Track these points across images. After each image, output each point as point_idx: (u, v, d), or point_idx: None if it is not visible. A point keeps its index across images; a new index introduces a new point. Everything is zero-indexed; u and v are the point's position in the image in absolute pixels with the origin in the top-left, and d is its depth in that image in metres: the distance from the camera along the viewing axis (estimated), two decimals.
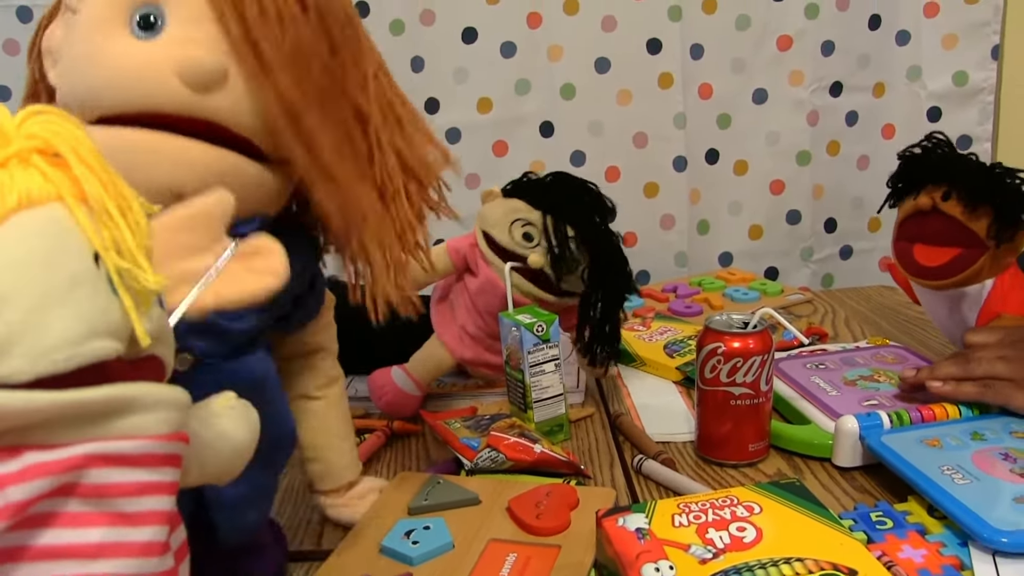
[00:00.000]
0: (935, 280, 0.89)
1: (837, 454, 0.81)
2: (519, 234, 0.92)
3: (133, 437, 0.36)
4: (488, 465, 0.81)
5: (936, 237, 0.88)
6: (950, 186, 0.86)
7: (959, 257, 0.87)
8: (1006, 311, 0.88)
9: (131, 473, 0.36)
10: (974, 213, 0.84)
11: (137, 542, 0.36)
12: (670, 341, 1.11)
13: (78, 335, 0.34)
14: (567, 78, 1.43)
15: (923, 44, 1.46)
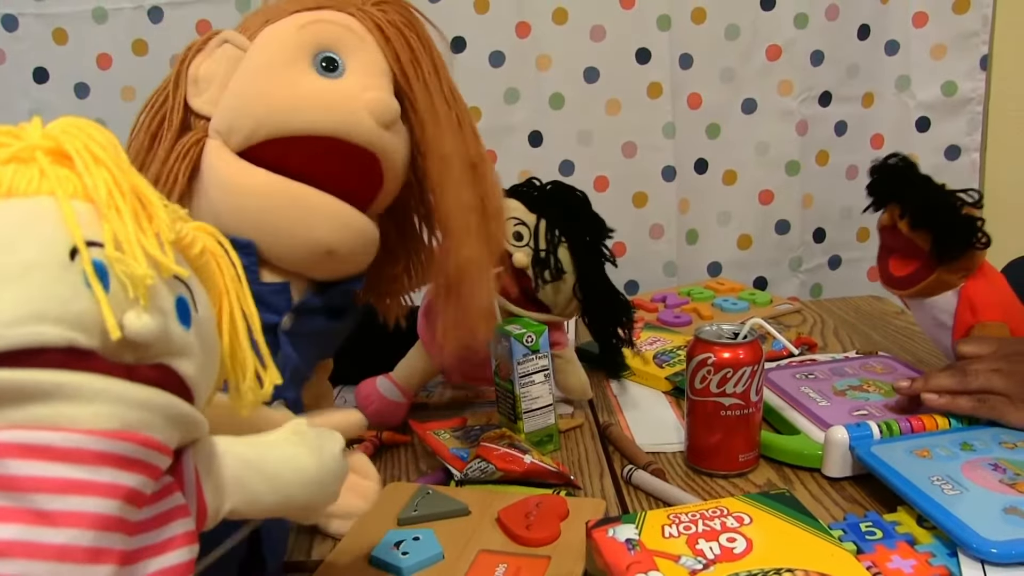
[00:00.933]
0: (902, 290, 0.93)
1: (826, 464, 0.81)
2: (510, 231, 0.93)
3: (59, 428, 0.34)
4: (478, 476, 0.81)
5: (903, 249, 0.91)
6: (901, 207, 0.88)
7: (917, 271, 0.90)
8: (981, 319, 0.88)
9: (55, 468, 0.34)
10: (918, 234, 0.87)
11: (52, 544, 0.33)
12: (659, 351, 1.11)
13: (19, 315, 0.33)
14: (556, 88, 1.44)
15: (912, 54, 1.47)
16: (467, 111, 0.73)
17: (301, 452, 0.48)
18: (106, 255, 0.36)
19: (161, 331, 0.37)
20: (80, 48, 1.37)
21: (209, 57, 0.67)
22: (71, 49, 1.37)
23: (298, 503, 0.48)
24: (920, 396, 0.83)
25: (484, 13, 1.40)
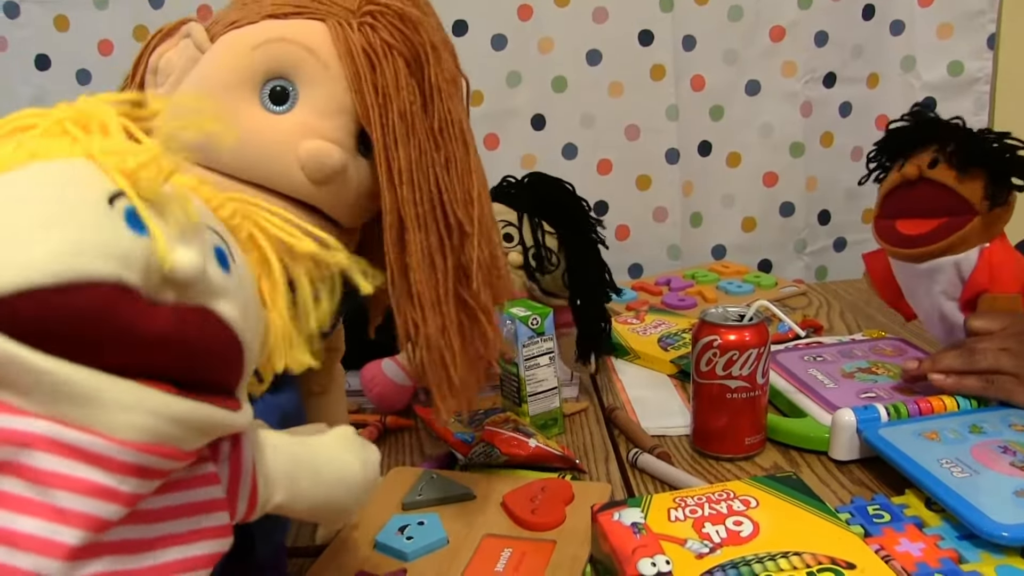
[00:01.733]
0: (918, 248, 0.86)
1: (834, 447, 0.81)
2: (499, 234, 0.92)
3: (94, 432, 0.34)
4: (482, 460, 0.81)
5: (921, 208, 0.86)
6: (938, 151, 0.84)
7: (945, 225, 0.84)
8: (993, 289, 0.85)
9: (82, 469, 0.34)
10: (966, 176, 0.82)
11: (66, 544, 0.33)
12: (664, 334, 1.10)
13: (65, 250, 0.33)
14: (558, 70, 1.42)
15: (917, 34, 1.45)
16: (462, 155, 0.61)
17: (349, 458, 0.50)
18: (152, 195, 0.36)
19: (203, 268, 0.37)
20: (82, 34, 1.36)
21: (173, 47, 0.61)
22: (72, 35, 1.35)
23: (338, 506, 0.50)
24: (928, 376, 0.82)
25: None
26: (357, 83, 0.56)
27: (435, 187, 0.59)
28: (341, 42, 0.56)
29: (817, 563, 0.56)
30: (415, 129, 0.58)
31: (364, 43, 0.57)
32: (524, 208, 0.93)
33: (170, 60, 0.60)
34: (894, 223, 0.88)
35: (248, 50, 0.57)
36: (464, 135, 0.61)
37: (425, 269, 0.59)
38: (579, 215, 0.95)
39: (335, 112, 0.57)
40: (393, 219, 0.58)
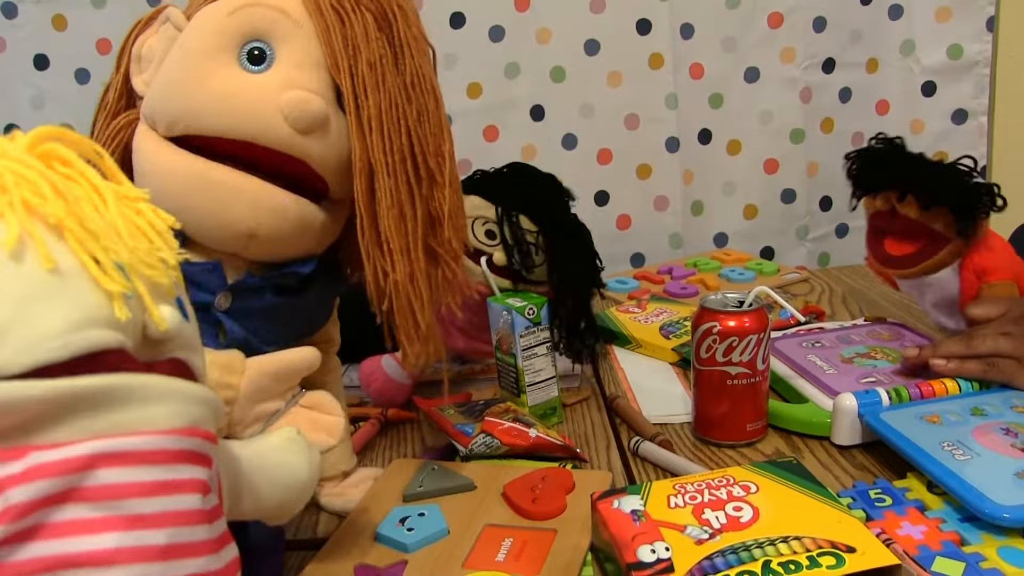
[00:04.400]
0: (903, 269, 0.91)
1: (835, 432, 0.80)
2: (482, 232, 0.91)
3: (141, 432, 0.35)
4: (483, 451, 0.80)
5: (901, 231, 0.90)
6: (902, 190, 0.86)
7: (923, 249, 0.88)
8: (988, 280, 0.87)
9: (142, 472, 0.34)
10: (930, 213, 0.85)
11: (155, 545, 0.34)
12: (666, 323, 1.10)
13: (73, 323, 0.33)
14: (557, 61, 1.42)
15: (916, 18, 1.45)
16: (433, 109, 0.63)
17: (298, 460, 0.50)
18: (125, 260, 0.36)
19: (180, 323, 0.38)
20: (80, 34, 1.35)
21: (154, 34, 0.64)
22: (71, 35, 1.35)
23: (287, 507, 0.51)
24: (929, 363, 0.82)
25: None
26: (327, 36, 0.59)
27: (407, 138, 0.61)
28: (311, 1, 0.60)
29: (817, 547, 0.56)
30: (385, 80, 0.60)
31: (333, 1, 0.60)
32: (502, 202, 0.91)
33: (151, 47, 0.63)
34: (882, 241, 0.92)
35: (223, 17, 0.60)
36: (435, 91, 0.63)
37: (395, 217, 0.61)
38: (558, 207, 0.93)
39: (311, 66, 0.60)
40: (363, 166, 0.60)
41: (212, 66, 0.60)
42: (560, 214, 0.94)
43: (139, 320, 0.36)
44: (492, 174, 0.95)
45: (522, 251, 0.91)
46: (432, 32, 1.38)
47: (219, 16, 0.60)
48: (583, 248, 0.93)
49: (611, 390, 0.97)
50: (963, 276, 0.88)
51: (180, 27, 0.62)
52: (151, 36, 0.64)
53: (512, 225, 0.90)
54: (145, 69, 0.63)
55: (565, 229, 0.93)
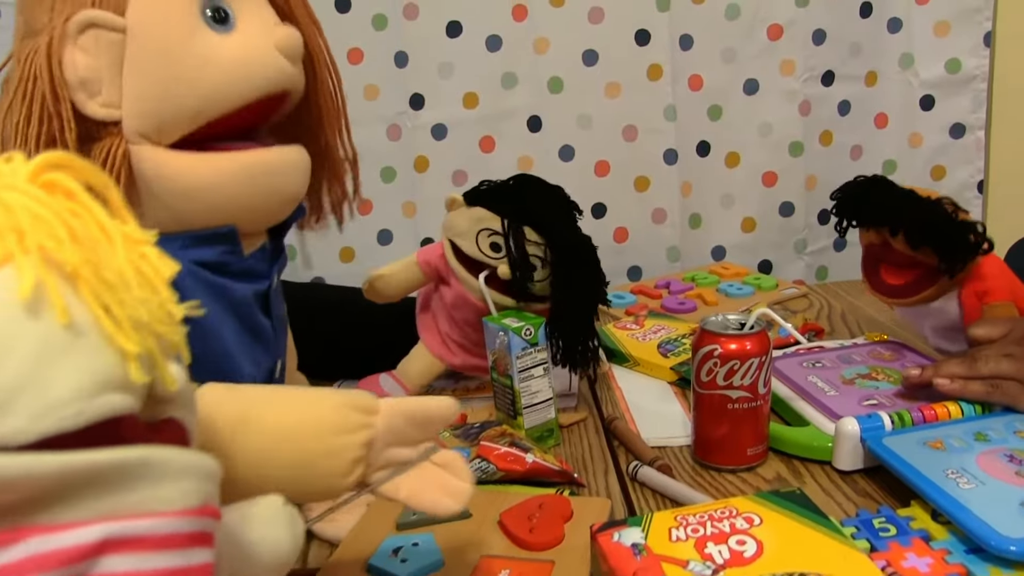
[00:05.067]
0: (901, 298, 0.91)
1: (838, 457, 0.79)
2: (487, 244, 0.90)
3: (156, 514, 0.31)
4: (479, 476, 0.79)
5: (896, 260, 0.90)
6: (891, 228, 0.87)
7: (916, 280, 0.89)
8: (988, 302, 0.87)
9: (154, 559, 0.31)
10: (919, 251, 0.86)
11: None
12: (664, 340, 1.09)
13: (88, 387, 0.30)
14: (554, 71, 1.41)
15: (915, 32, 1.44)
16: None
17: (280, 534, 0.46)
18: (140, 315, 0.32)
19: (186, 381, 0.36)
20: None
21: (81, 50, 0.56)
22: None
23: None
24: (932, 383, 0.81)
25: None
26: None
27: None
28: None
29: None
30: None
31: None
32: (508, 214, 0.89)
33: (89, 63, 0.56)
34: (878, 269, 0.93)
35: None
36: None
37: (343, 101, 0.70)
38: (566, 220, 0.91)
39: (263, 3, 0.62)
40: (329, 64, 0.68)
41: (198, 46, 0.58)
42: (568, 228, 0.92)
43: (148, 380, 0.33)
44: (498, 185, 0.93)
45: (527, 265, 0.89)
46: (428, 41, 1.39)
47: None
48: (590, 263, 0.91)
49: (609, 411, 0.96)
50: (964, 300, 0.88)
51: (117, 27, 0.56)
52: (76, 54, 0.56)
53: (517, 237, 0.88)
54: (98, 91, 0.57)
55: (572, 243, 0.90)
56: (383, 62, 1.39)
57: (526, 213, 0.89)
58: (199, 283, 0.61)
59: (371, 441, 0.52)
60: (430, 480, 0.54)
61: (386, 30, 1.38)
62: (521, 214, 0.89)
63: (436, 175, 1.43)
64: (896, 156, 1.50)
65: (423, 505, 0.54)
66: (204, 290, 0.61)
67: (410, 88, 1.40)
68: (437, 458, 0.55)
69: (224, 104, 0.59)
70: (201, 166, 0.60)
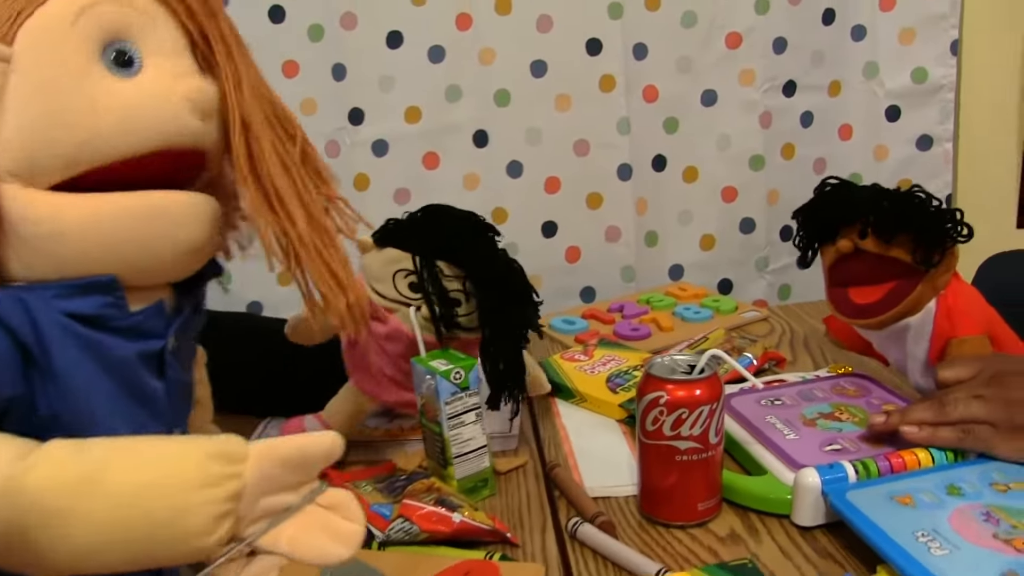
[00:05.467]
0: (875, 317, 0.82)
1: (797, 512, 0.72)
2: (404, 286, 0.83)
3: None
4: (401, 537, 0.71)
5: (867, 277, 0.81)
6: (863, 222, 0.79)
7: (894, 289, 0.80)
8: (957, 334, 0.80)
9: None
10: (893, 243, 0.78)
11: None
12: (614, 373, 1.01)
13: None
14: (501, 83, 1.34)
15: (880, 39, 1.39)
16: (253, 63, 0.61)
17: None
18: None
19: None
20: None
21: None
22: None
23: None
24: (899, 430, 0.74)
25: (421, 5, 1.30)
26: (184, 8, 0.55)
27: (268, 93, 0.58)
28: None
29: None
30: (240, 41, 0.57)
31: None
32: (419, 251, 0.83)
33: None
34: (846, 292, 0.84)
35: (68, 29, 0.52)
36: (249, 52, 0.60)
37: (279, 168, 0.57)
38: (482, 246, 0.84)
39: (180, 50, 0.55)
40: (241, 125, 0.56)
41: (89, 86, 0.52)
42: (485, 256, 0.84)
43: None
44: (404, 222, 0.86)
45: (448, 301, 0.82)
46: (367, 53, 1.32)
47: (63, 29, 0.52)
48: (516, 287, 0.83)
49: (551, 454, 0.88)
50: (936, 320, 0.80)
51: (2, 56, 0.51)
52: None
53: (432, 274, 0.81)
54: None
55: (492, 274, 0.83)
56: (320, 75, 1.31)
57: (438, 248, 0.82)
58: (69, 337, 0.53)
59: (238, 493, 0.46)
60: (314, 525, 0.49)
61: (323, 41, 1.30)
62: (433, 249, 0.82)
63: (377, 193, 1.35)
64: (861, 169, 1.44)
65: (306, 554, 0.48)
66: (77, 346, 0.53)
67: (349, 102, 1.32)
68: (323, 500, 0.49)
69: (106, 153, 0.52)
70: (72, 207, 0.53)
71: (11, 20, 0.51)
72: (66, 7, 0.51)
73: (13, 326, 0.49)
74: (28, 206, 0.52)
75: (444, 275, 0.82)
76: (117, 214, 0.53)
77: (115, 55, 0.53)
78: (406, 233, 0.84)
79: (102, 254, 0.54)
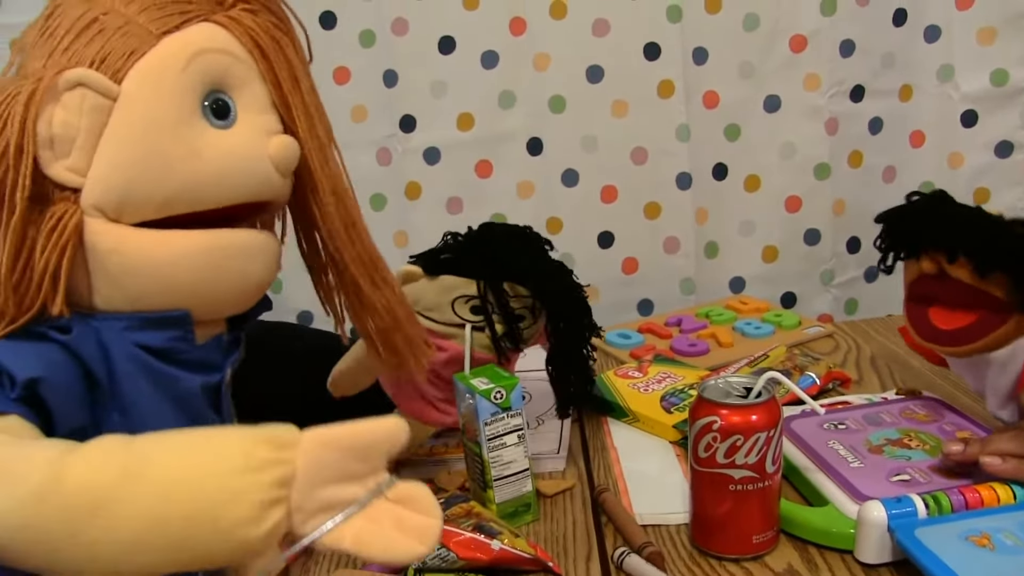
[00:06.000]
0: (957, 346, 0.74)
1: (860, 548, 0.67)
2: (466, 311, 0.81)
3: None
4: (438, 564, 0.68)
5: (952, 300, 0.74)
6: (954, 248, 0.71)
7: (979, 321, 0.72)
8: None
9: None
10: (986, 278, 0.69)
11: None
12: (668, 391, 0.96)
13: None
14: (556, 89, 1.30)
15: (955, 40, 1.31)
16: None
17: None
18: None
19: None
20: None
21: (62, 107, 0.51)
22: None
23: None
24: (979, 461, 0.68)
25: (474, 9, 1.27)
26: (270, 70, 0.56)
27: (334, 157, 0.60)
28: (244, 34, 0.55)
29: None
30: (320, 109, 0.59)
31: (259, 30, 0.55)
32: (480, 276, 0.81)
33: (67, 122, 0.50)
34: (926, 311, 0.76)
35: (179, 74, 0.52)
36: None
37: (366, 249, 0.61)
38: (544, 263, 0.84)
39: (268, 107, 0.56)
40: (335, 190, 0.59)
41: (191, 133, 0.53)
42: (547, 269, 0.84)
43: None
44: (456, 244, 0.84)
45: (516, 319, 0.82)
46: (419, 58, 1.29)
47: (174, 73, 0.52)
48: (579, 296, 0.84)
49: (600, 477, 0.84)
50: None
51: (110, 93, 0.51)
52: (56, 110, 0.51)
53: (501, 298, 0.81)
54: (67, 152, 0.51)
55: (559, 282, 0.83)
56: (371, 82, 1.29)
57: (501, 269, 0.81)
58: (141, 369, 0.54)
59: (287, 479, 0.44)
60: (383, 520, 0.45)
61: (374, 47, 1.28)
62: (496, 273, 0.81)
63: (429, 202, 1.33)
64: (934, 178, 1.36)
65: (375, 552, 0.45)
66: (146, 377, 0.54)
67: (400, 109, 1.30)
68: (394, 494, 0.46)
69: (198, 201, 0.54)
70: (158, 245, 0.53)
71: (124, 57, 0.51)
72: (179, 51, 0.52)
73: (84, 356, 0.50)
74: (119, 241, 0.53)
75: (508, 295, 0.81)
76: (196, 253, 0.54)
77: (212, 104, 0.54)
78: (463, 259, 0.82)
79: (180, 290, 0.55)
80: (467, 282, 0.81)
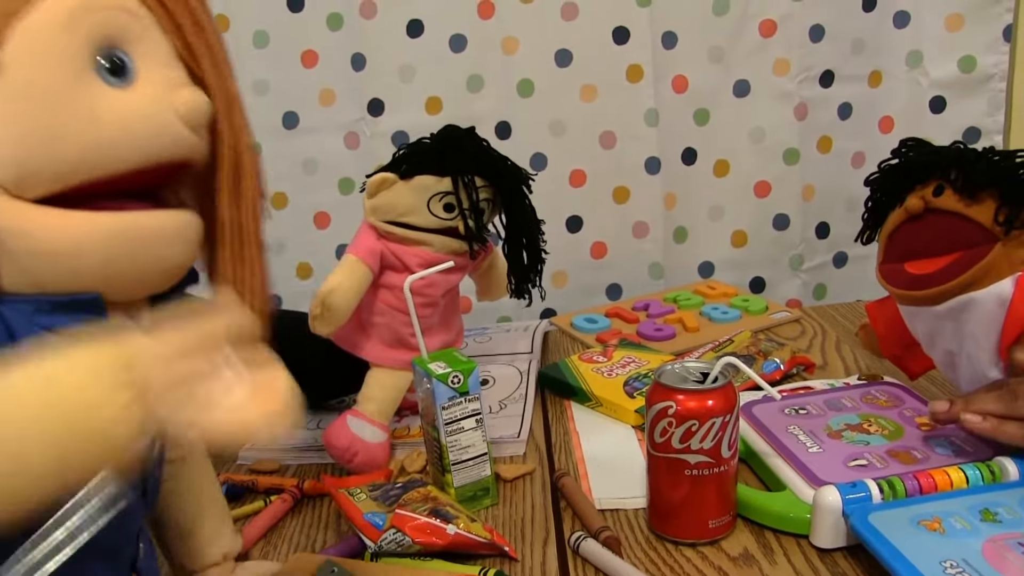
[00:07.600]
0: (934, 287, 0.72)
1: (816, 533, 0.67)
2: (440, 208, 0.83)
3: None
4: (394, 548, 0.67)
5: (931, 245, 0.73)
6: (942, 179, 0.71)
7: (960, 259, 0.71)
8: None
9: None
10: (975, 200, 0.69)
11: None
12: (632, 376, 0.96)
13: None
14: (524, 73, 1.29)
15: (925, 26, 1.31)
16: None
17: None
18: None
19: None
20: None
21: None
22: None
23: None
24: (960, 418, 0.68)
25: None
26: (172, 22, 0.52)
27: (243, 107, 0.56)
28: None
29: None
30: (227, 58, 0.55)
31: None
32: (456, 171, 0.84)
33: None
34: (901, 266, 0.75)
35: (62, 33, 0.48)
36: None
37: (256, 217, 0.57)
38: (500, 160, 0.88)
39: (170, 59, 0.53)
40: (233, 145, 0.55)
41: (87, 95, 0.49)
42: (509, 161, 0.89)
43: None
44: (425, 148, 0.87)
45: (479, 212, 0.85)
46: (387, 42, 1.28)
47: (56, 33, 0.48)
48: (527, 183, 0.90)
49: (561, 462, 0.84)
50: (1017, 294, 0.69)
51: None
52: None
53: (469, 189, 0.83)
54: None
55: (518, 174, 0.89)
56: (339, 65, 1.28)
57: (471, 162, 0.85)
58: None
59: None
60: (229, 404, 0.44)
61: (342, 30, 1.27)
62: (470, 167, 0.84)
63: None
64: None
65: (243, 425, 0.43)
66: None
67: (369, 93, 1.29)
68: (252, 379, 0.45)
69: (103, 167, 0.50)
70: (65, 227, 0.50)
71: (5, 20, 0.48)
72: (57, 8, 0.48)
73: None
74: (17, 219, 0.49)
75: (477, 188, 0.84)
76: (108, 236, 0.51)
77: (107, 61, 0.50)
78: (433, 158, 0.85)
79: (90, 272, 0.52)
80: (438, 180, 0.83)
